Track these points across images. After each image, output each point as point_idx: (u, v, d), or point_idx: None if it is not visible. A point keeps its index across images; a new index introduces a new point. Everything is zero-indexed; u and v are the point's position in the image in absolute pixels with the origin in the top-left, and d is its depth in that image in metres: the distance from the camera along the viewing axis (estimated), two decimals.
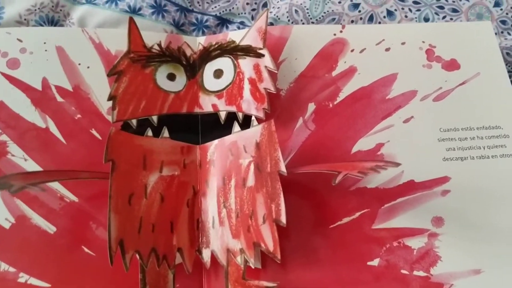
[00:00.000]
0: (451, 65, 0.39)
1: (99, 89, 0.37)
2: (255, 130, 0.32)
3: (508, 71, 0.39)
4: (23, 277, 0.31)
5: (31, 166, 0.34)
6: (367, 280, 0.32)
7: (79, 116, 0.36)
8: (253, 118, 0.34)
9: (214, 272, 0.32)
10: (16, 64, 0.37)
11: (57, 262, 0.31)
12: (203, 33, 0.42)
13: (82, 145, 0.35)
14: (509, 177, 0.35)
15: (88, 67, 0.37)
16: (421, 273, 0.32)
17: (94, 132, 0.35)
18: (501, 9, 0.44)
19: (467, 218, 0.34)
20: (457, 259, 0.32)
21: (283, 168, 0.30)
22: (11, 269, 0.31)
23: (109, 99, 0.34)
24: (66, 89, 0.36)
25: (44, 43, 0.38)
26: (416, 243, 0.33)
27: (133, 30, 0.35)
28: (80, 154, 0.35)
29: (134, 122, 0.34)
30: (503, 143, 0.36)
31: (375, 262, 0.32)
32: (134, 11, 0.41)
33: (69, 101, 0.36)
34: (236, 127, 0.34)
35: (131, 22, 0.35)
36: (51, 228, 0.32)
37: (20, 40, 0.38)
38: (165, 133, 0.34)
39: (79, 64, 0.37)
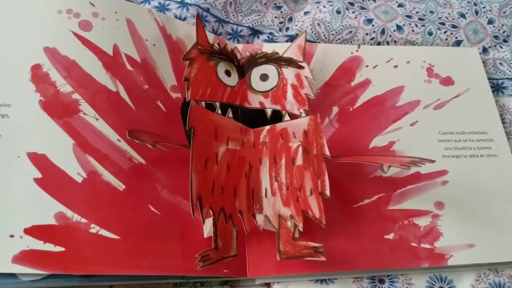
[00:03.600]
0: (447, 81, 0.47)
1: (164, 67, 0.40)
2: (303, 120, 0.38)
3: (500, 78, 0.47)
4: (94, 228, 0.33)
5: (101, 125, 0.36)
6: (385, 250, 0.38)
7: (146, 86, 0.39)
8: (301, 111, 0.39)
9: (258, 236, 0.37)
10: (89, 27, 0.39)
11: (126, 217, 0.34)
12: (238, 41, 0.48)
13: (149, 113, 0.38)
14: (494, 172, 0.43)
15: (154, 45, 0.41)
16: (427, 246, 0.38)
17: (159, 103, 0.39)
18: (494, 26, 0.53)
19: (463, 203, 0.41)
20: (455, 236, 0.39)
21: (327, 152, 0.36)
22: (83, 220, 0.33)
23: (184, 79, 0.38)
24: (135, 59, 0.39)
25: (115, 12, 0.40)
26: (422, 222, 0.40)
27: (200, 26, 0.40)
28: (146, 121, 0.38)
29: (203, 104, 0.38)
30: (488, 146, 0.44)
31: (391, 236, 0.39)
32: (179, 19, 0.47)
33: (137, 71, 0.39)
34: (286, 117, 0.40)
35: (198, 18, 0.40)
36: (120, 186, 0.35)
37: (92, 4, 0.40)
38: (230, 113, 0.38)
39: (147, 40, 0.41)
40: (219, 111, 0.38)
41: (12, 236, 0.32)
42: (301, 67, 0.42)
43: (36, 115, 0.35)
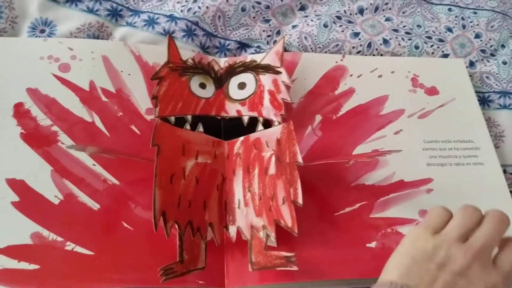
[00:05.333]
0: (432, 91, 0.47)
1: (139, 92, 0.42)
2: (276, 129, 0.39)
3: (486, 92, 0.47)
4: (69, 246, 0.35)
5: (78, 153, 0.39)
6: (366, 259, 0.37)
7: (120, 114, 0.41)
8: (275, 120, 0.40)
9: (238, 246, 0.37)
10: (67, 68, 0.43)
11: (100, 234, 0.36)
12: (225, 55, 0.49)
13: (123, 138, 0.40)
14: (480, 180, 0.42)
15: (129, 74, 0.43)
16: None
17: (133, 128, 0.41)
18: (481, 40, 0.53)
19: None
20: None
21: (300, 159, 0.36)
22: (59, 239, 0.35)
23: (152, 97, 0.40)
24: (110, 91, 0.42)
25: (92, 52, 0.44)
26: (406, 230, 0.39)
27: (172, 45, 0.42)
28: (121, 145, 0.40)
29: (172, 118, 0.40)
30: (475, 154, 0.44)
31: (373, 245, 0.38)
32: (168, 33, 0.48)
33: (112, 101, 0.42)
34: (260, 126, 0.40)
35: (170, 38, 0.42)
36: (95, 205, 0.37)
37: (71, 49, 0.43)
38: (200, 128, 0.40)
39: (122, 71, 0.43)
40: (188, 127, 0.40)
41: None
42: (278, 73, 0.42)
43: (16, 145, 0.38)
